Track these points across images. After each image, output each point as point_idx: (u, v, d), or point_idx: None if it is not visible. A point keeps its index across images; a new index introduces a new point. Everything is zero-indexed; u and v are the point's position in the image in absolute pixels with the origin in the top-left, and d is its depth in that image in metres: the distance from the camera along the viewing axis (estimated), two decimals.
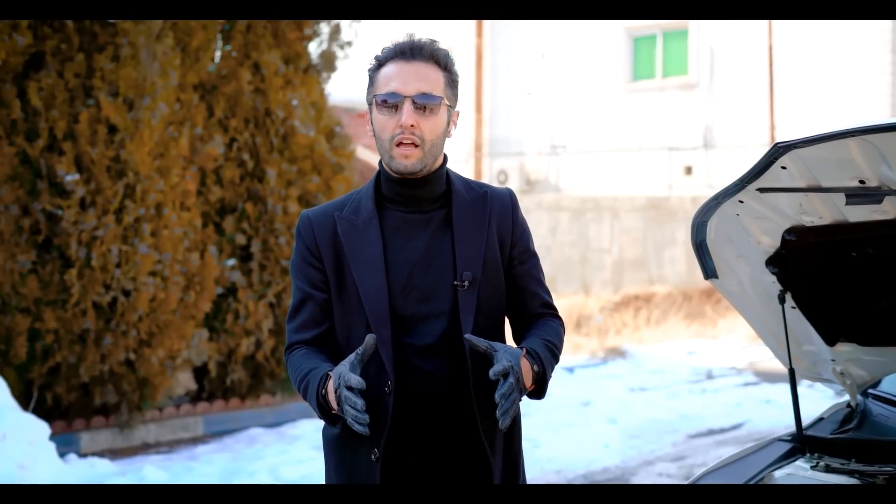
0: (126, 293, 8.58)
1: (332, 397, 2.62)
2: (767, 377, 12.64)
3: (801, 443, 3.75)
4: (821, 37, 21.62)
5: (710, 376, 12.93)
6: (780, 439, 3.88)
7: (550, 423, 9.52)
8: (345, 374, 2.56)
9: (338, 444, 2.85)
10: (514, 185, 24.03)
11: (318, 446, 8.73)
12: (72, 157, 8.30)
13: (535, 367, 2.76)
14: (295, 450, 8.68)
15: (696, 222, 3.50)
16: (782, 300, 3.59)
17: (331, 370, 2.67)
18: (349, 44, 10.65)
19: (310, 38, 10.31)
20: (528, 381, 2.72)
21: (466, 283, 2.79)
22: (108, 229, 8.35)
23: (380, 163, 2.88)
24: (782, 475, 3.61)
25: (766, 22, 21.02)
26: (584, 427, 9.37)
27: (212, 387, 9.86)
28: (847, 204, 3.09)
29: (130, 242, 8.51)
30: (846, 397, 4.10)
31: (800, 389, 10.89)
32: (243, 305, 9.59)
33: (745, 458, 3.76)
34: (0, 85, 8.14)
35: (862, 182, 3.02)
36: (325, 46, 10.55)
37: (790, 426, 10.66)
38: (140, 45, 8.49)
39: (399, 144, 2.72)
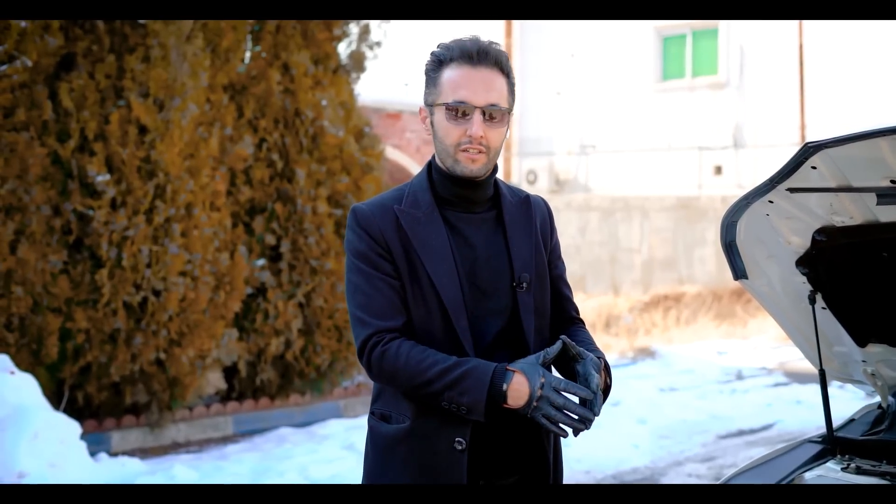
0: (156, 293, 8.62)
1: (519, 395, 2.61)
2: (798, 377, 12.57)
3: (832, 444, 3.72)
4: (852, 35, 21.49)
5: (740, 377, 12.87)
6: (810, 441, 3.85)
7: None
8: (552, 378, 2.60)
9: (404, 438, 2.78)
10: (543, 184, 24.02)
11: (347, 446, 8.76)
12: (103, 158, 8.35)
13: (608, 380, 2.84)
14: (324, 449, 8.69)
15: (725, 222, 3.48)
16: (813, 301, 3.56)
17: (505, 366, 2.66)
18: (378, 44, 10.67)
19: (339, 39, 10.33)
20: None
21: (525, 284, 2.82)
22: (138, 229, 8.40)
23: (433, 159, 2.88)
24: (812, 477, 3.58)
25: (796, 21, 20.91)
26: (614, 427, 9.34)
27: (241, 386, 9.90)
28: (878, 204, 3.06)
29: (161, 242, 8.55)
30: (877, 398, 4.07)
31: (830, 390, 10.82)
32: (273, 305, 9.62)
33: (775, 459, 3.73)
34: (32, 86, 8.19)
35: (893, 182, 3.00)
36: (354, 47, 10.57)
37: (821, 427, 10.60)
38: (170, 46, 8.53)
39: (465, 150, 2.72)
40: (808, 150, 2.95)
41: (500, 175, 2.95)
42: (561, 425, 2.60)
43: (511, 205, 2.90)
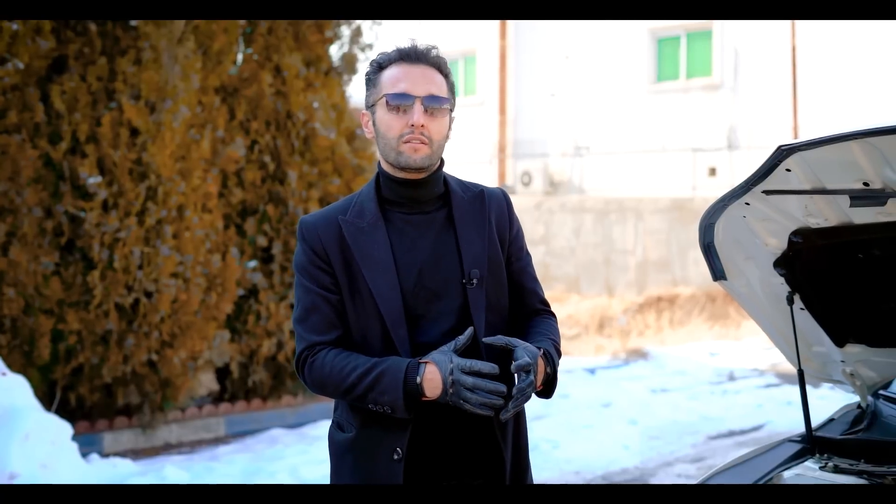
0: (148, 294, 8.65)
1: (434, 384, 2.66)
2: (789, 379, 12.60)
3: (811, 443, 3.76)
4: (845, 37, 21.52)
5: (731, 378, 12.91)
6: (790, 440, 3.89)
7: (570, 424, 9.54)
8: (460, 361, 2.65)
9: (352, 447, 2.86)
10: (538, 186, 24.05)
11: None
12: (94, 160, 8.38)
13: (548, 369, 2.84)
14: (315, 450, 8.72)
15: (703, 224, 3.53)
16: (791, 301, 3.60)
17: (418, 360, 2.72)
18: (370, 46, 10.70)
19: (331, 41, 10.35)
20: (538, 380, 2.77)
21: (475, 280, 2.83)
22: (130, 231, 8.42)
23: (378, 165, 2.91)
24: (791, 476, 3.62)
25: (790, 22, 20.96)
26: (604, 428, 9.38)
27: (234, 388, 9.92)
28: (851, 206, 3.10)
29: (152, 244, 8.58)
30: (856, 398, 4.11)
31: (822, 391, 10.84)
32: (265, 307, 9.65)
33: (755, 458, 3.77)
34: (23, 88, 8.22)
35: (866, 184, 3.04)
36: (346, 49, 10.60)
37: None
38: (162, 49, 8.56)
39: (408, 141, 2.76)
40: (782, 153, 2.99)
41: (495, 177, 2.99)
42: (481, 406, 2.63)
43: (462, 201, 2.92)
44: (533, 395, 2.79)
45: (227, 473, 7.99)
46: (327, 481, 7.79)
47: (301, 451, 8.75)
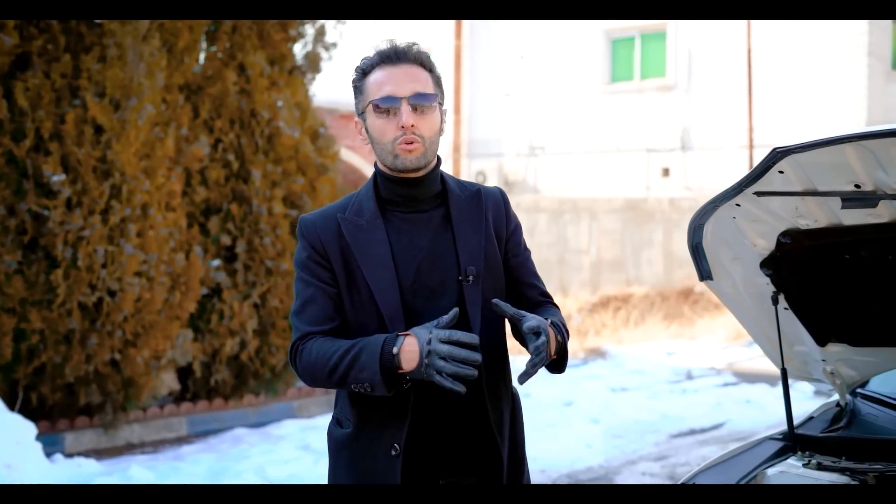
0: (112, 293, 8.59)
1: (410, 356, 2.65)
2: (746, 377, 12.75)
3: (793, 441, 3.81)
4: (799, 39, 21.75)
5: (689, 377, 13.02)
6: (771, 438, 3.94)
7: (534, 422, 9.55)
8: (439, 332, 2.63)
9: (349, 443, 2.87)
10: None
11: (303, 446, 8.79)
12: (58, 158, 8.30)
13: (559, 338, 2.88)
14: (280, 450, 8.71)
15: (693, 225, 3.56)
16: (775, 301, 3.65)
17: (397, 332, 2.71)
18: (334, 45, 10.69)
19: (294, 40, 10.33)
20: (551, 348, 2.79)
21: (471, 277, 2.85)
22: (94, 230, 8.36)
23: (375, 166, 2.92)
24: (775, 473, 3.67)
25: (744, 24, 21.16)
26: (567, 427, 9.43)
27: (195, 387, 9.88)
28: (843, 207, 3.15)
29: (116, 243, 8.52)
30: (835, 397, 4.17)
31: (779, 390, 10.95)
32: (228, 306, 9.62)
33: (738, 456, 3.82)
34: None
35: (857, 186, 3.09)
36: (309, 48, 10.58)
37: (770, 426, 10.79)
38: (127, 46, 8.51)
39: (400, 143, 2.77)
40: (777, 155, 3.03)
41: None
42: (454, 379, 2.61)
43: (459, 200, 2.94)
44: (545, 368, 2.83)
45: (193, 473, 7.96)
46: (294, 480, 7.80)
47: (266, 450, 8.73)
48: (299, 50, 10.57)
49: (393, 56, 2.81)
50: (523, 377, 2.69)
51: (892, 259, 3.37)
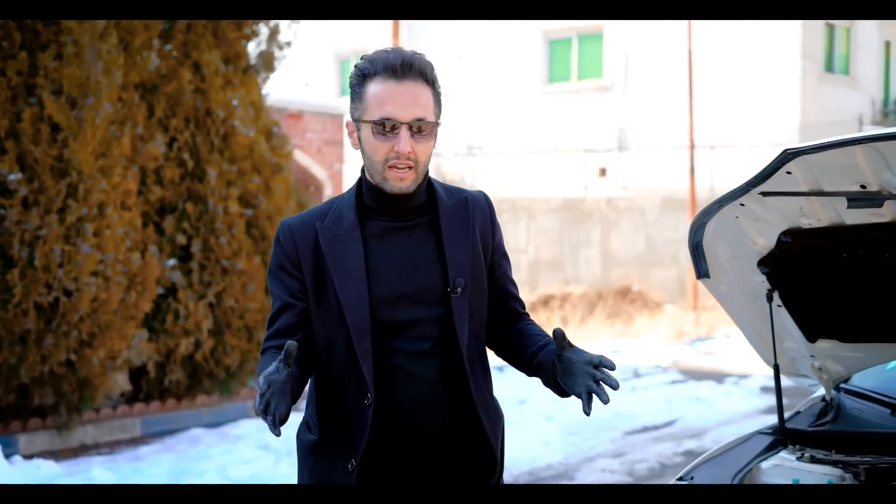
0: (68, 293, 8.50)
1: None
2: (693, 375, 12.93)
3: (783, 435, 3.91)
4: (734, 41, 22.08)
5: (637, 374, 13.17)
6: (760, 432, 4.04)
7: None
8: (266, 372, 2.50)
9: (313, 450, 2.86)
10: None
11: (262, 446, 8.78)
12: (14, 156, 8.20)
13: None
14: (240, 449, 8.69)
15: (695, 224, 3.63)
16: (770, 299, 3.74)
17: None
18: (289, 44, 10.67)
19: (249, 38, 10.29)
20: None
21: (459, 289, 2.80)
22: (50, 229, 8.27)
23: (362, 170, 2.85)
24: (769, 466, 3.77)
25: (681, 26, 21.42)
26: (524, 425, 9.49)
27: (149, 387, 9.81)
28: (849, 207, 3.24)
29: (73, 242, 8.43)
30: (819, 392, 4.27)
31: (727, 387, 11.13)
32: (183, 305, 9.55)
33: (731, 450, 3.91)
34: None
35: (863, 186, 3.18)
36: (263, 46, 10.55)
37: (721, 422, 10.89)
38: (84, 44, 8.42)
39: (392, 167, 2.72)
40: (787, 156, 3.11)
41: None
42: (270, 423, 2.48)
43: (448, 208, 2.88)
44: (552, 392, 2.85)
45: (156, 474, 7.92)
46: (257, 480, 7.79)
47: (226, 450, 8.70)
48: (253, 49, 10.53)
49: (398, 70, 2.72)
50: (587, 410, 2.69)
51: (890, 257, 3.47)
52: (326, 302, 2.79)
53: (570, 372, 2.71)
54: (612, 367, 2.67)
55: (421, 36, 25.94)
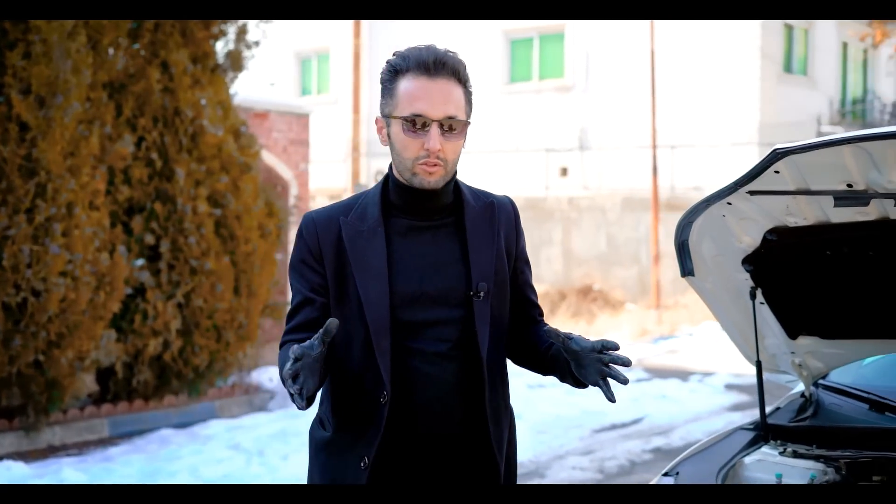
0: (36, 293, 8.45)
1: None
2: (658, 373, 13.02)
3: (765, 430, 3.96)
4: (694, 41, 22.24)
5: None
6: (742, 428, 4.10)
7: None
8: (302, 345, 2.48)
9: (326, 446, 2.85)
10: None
11: (233, 446, 8.78)
12: None
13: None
14: (210, 450, 8.67)
15: (682, 223, 3.67)
16: (753, 296, 3.79)
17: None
18: (257, 43, 10.65)
19: (217, 37, 10.27)
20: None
21: (482, 293, 2.78)
22: (19, 229, 8.22)
23: (390, 167, 2.84)
24: (752, 461, 3.82)
25: (641, 26, 21.56)
26: None
27: (116, 388, 9.77)
28: (836, 206, 3.30)
29: (41, 242, 8.38)
30: (798, 388, 4.34)
31: (691, 385, 11.22)
32: (152, 306, 9.52)
33: (714, 446, 3.95)
34: None
35: (849, 185, 3.24)
36: (231, 46, 10.53)
37: (688, 419, 10.97)
38: (53, 43, 8.38)
39: (423, 164, 2.70)
40: (776, 156, 3.15)
41: (349, 176, 2.92)
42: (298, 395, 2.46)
43: (473, 210, 2.86)
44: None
45: (127, 474, 7.89)
46: (228, 480, 7.77)
47: (196, 450, 8.68)
48: (221, 48, 10.50)
49: (431, 67, 2.71)
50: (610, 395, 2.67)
51: (873, 255, 3.53)
52: (347, 298, 2.77)
53: (581, 364, 2.68)
54: (616, 348, 2.64)
55: (382, 36, 25.94)
